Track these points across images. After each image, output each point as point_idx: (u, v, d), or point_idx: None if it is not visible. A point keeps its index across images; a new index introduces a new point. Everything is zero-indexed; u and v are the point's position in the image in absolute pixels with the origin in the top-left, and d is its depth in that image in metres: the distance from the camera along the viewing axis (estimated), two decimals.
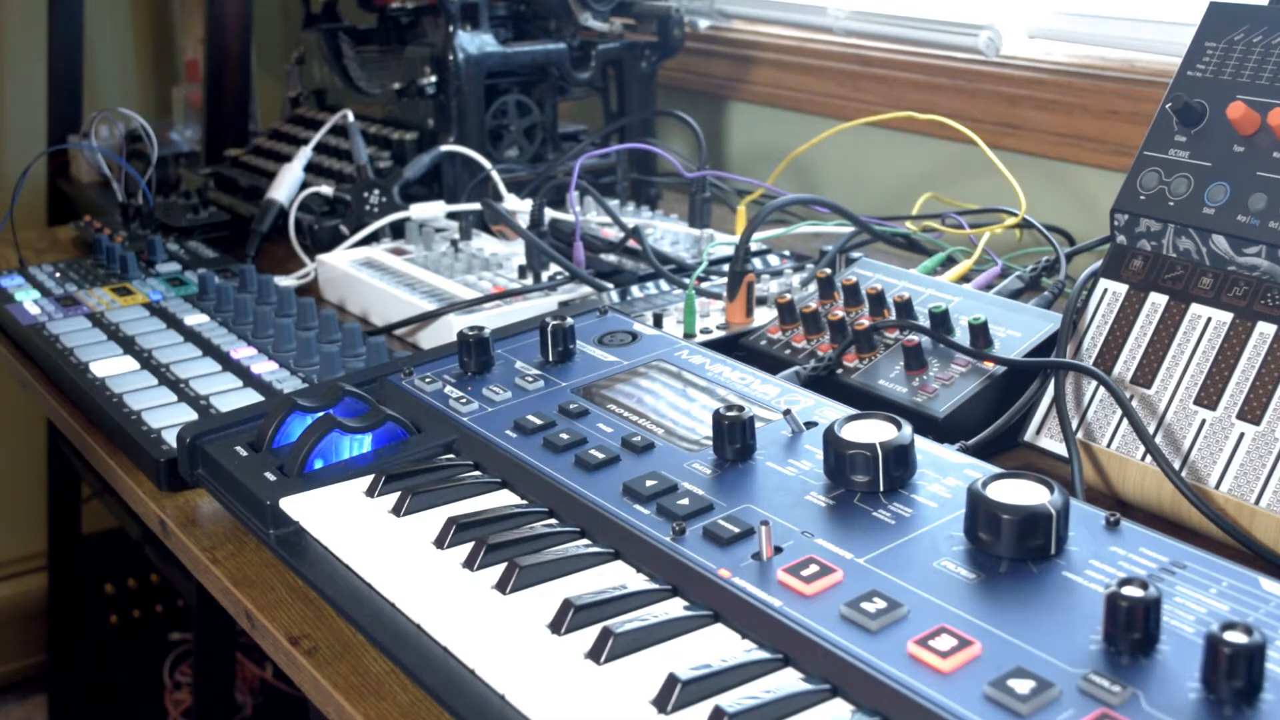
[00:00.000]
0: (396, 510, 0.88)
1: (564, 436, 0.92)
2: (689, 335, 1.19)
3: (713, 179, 1.63)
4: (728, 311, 1.23)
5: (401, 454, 0.96)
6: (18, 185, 1.64)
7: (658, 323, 1.20)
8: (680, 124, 1.78)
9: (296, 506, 0.90)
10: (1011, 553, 0.72)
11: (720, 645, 0.72)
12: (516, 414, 0.97)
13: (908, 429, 0.82)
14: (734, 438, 0.86)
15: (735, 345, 1.19)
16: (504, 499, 0.90)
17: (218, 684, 1.89)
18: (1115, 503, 0.96)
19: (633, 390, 0.99)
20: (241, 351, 1.25)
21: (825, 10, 1.84)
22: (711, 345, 1.15)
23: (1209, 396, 0.92)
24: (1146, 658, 0.64)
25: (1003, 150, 1.51)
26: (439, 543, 0.84)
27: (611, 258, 1.45)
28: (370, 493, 0.91)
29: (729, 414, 0.86)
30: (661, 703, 0.66)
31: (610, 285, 1.34)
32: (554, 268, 1.38)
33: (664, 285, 1.34)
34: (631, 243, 1.44)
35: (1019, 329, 1.07)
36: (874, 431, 0.82)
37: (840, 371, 1.09)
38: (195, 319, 1.35)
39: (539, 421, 0.95)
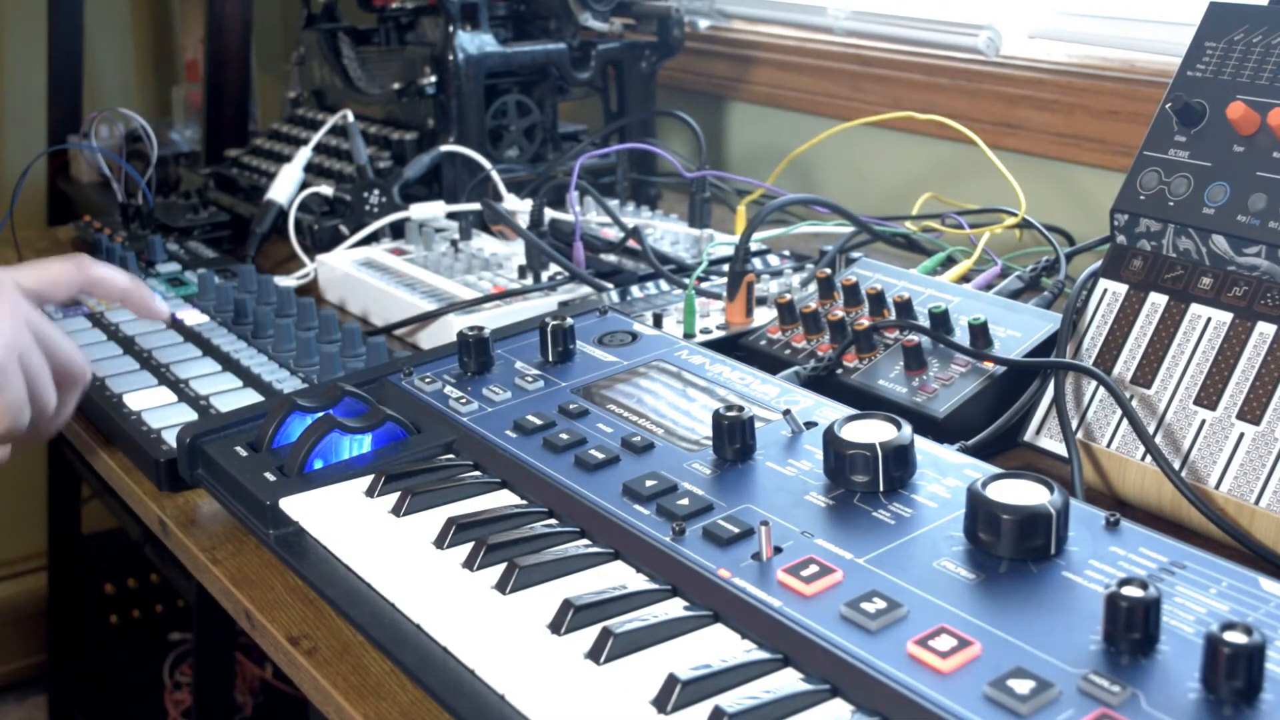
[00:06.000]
0: (396, 510, 0.88)
1: (564, 436, 0.92)
2: (689, 335, 1.19)
3: (713, 179, 1.63)
4: (728, 311, 1.23)
5: (401, 454, 0.96)
6: (18, 185, 1.64)
7: (658, 323, 1.20)
8: (680, 124, 1.78)
9: (296, 506, 0.90)
10: (1011, 553, 0.72)
11: (720, 645, 0.72)
12: (516, 414, 0.97)
13: (908, 429, 0.82)
14: (734, 438, 0.86)
15: (735, 345, 1.19)
16: (504, 499, 0.90)
17: (218, 684, 1.89)
18: (1115, 503, 0.96)
19: (633, 390, 0.99)
20: (241, 351, 1.25)
21: (825, 10, 1.84)
22: (711, 345, 1.15)
23: (1209, 396, 0.92)
24: (1146, 658, 0.64)
25: (1003, 150, 1.51)
26: (439, 543, 0.84)
27: (611, 258, 1.45)
28: (370, 493, 0.91)
29: (729, 414, 0.86)
30: (661, 703, 0.66)
31: (610, 285, 1.34)
32: (554, 268, 1.38)
33: (664, 285, 1.34)
34: (631, 243, 1.44)
35: (1019, 329, 1.07)
36: (874, 431, 0.82)
37: (840, 371, 1.09)
38: (195, 319, 1.35)
39: (539, 421, 0.95)
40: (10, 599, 2.74)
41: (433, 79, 1.61)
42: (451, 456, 0.96)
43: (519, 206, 1.54)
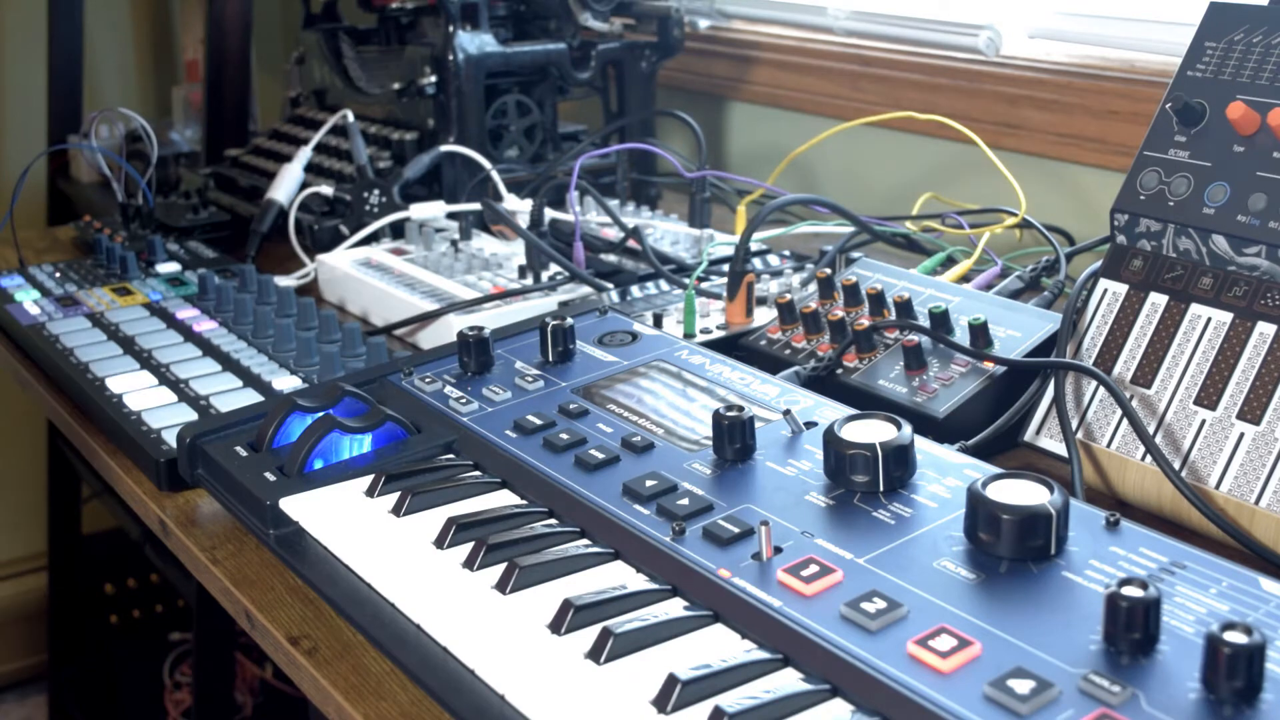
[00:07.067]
0: (396, 510, 0.88)
1: (564, 436, 0.92)
2: (689, 335, 1.19)
3: (713, 179, 1.63)
4: (728, 311, 1.23)
5: (401, 454, 0.96)
6: (18, 185, 1.64)
7: (658, 323, 1.20)
8: (680, 124, 1.78)
9: (296, 506, 0.90)
10: (1011, 553, 0.72)
11: (720, 645, 0.72)
12: (516, 414, 0.97)
13: (908, 429, 0.82)
14: (734, 438, 0.86)
15: (735, 345, 1.19)
16: (504, 499, 0.90)
17: (218, 684, 1.89)
18: (1115, 503, 0.96)
19: (633, 390, 0.99)
20: (241, 352, 1.25)
21: (825, 10, 1.84)
22: (711, 345, 1.15)
23: (1209, 396, 0.92)
24: (1146, 658, 0.64)
25: (1003, 150, 1.51)
26: (439, 543, 0.84)
27: (611, 258, 1.45)
28: (370, 493, 0.91)
29: (729, 414, 0.86)
30: (661, 703, 0.66)
31: (610, 285, 1.34)
32: (554, 268, 1.38)
33: (664, 285, 1.34)
34: (631, 243, 1.44)
35: (1019, 329, 1.07)
36: (874, 431, 0.82)
37: (840, 371, 1.09)
38: (195, 319, 1.35)
39: (539, 421, 0.95)
40: (10, 599, 2.74)
41: (433, 79, 1.61)
42: (451, 456, 0.96)
43: (519, 206, 1.54)
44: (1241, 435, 0.89)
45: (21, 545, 2.74)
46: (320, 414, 0.97)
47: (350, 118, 1.62)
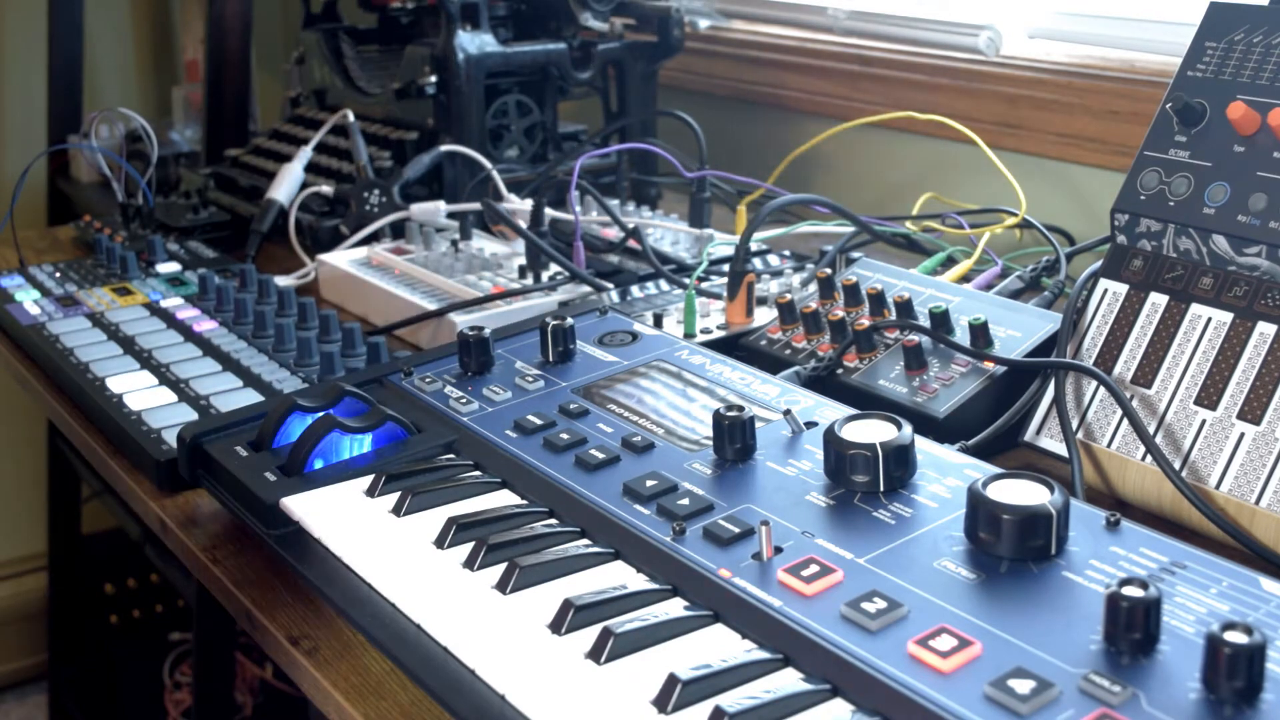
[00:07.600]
0: (397, 510, 0.88)
1: (564, 436, 0.92)
2: (689, 335, 1.19)
3: (713, 179, 1.63)
4: (728, 311, 1.23)
5: (401, 454, 0.96)
6: (18, 185, 1.64)
7: (658, 323, 1.20)
8: (680, 124, 1.78)
9: (296, 506, 0.90)
10: (1011, 553, 0.72)
11: (720, 645, 0.72)
12: (516, 414, 0.97)
13: (908, 429, 0.82)
14: (734, 438, 0.86)
15: (735, 345, 1.19)
16: (504, 499, 0.90)
17: (218, 684, 1.89)
18: (1115, 503, 0.96)
19: (633, 390, 0.99)
20: (241, 352, 1.25)
21: (825, 10, 1.84)
22: (711, 345, 1.15)
23: (1209, 396, 0.92)
24: (1147, 658, 0.64)
25: (1003, 150, 1.51)
26: (439, 543, 0.84)
27: (612, 258, 1.45)
28: (370, 493, 0.91)
29: (729, 414, 0.86)
30: (662, 703, 0.66)
31: (610, 285, 1.34)
32: (554, 268, 1.38)
33: (664, 285, 1.34)
34: (631, 243, 1.44)
35: (1019, 329, 1.07)
36: (874, 431, 0.82)
37: (840, 371, 1.09)
38: (195, 319, 1.35)
39: (539, 421, 0.95)
40: (10, 599, 2.74)
41: (433, 79, 1.61)
42: (452, 456, 0.96)
43: (519, 206, 1.54)
44: (1242, 435, 0.89)
45: (21, 545, 2.74)
46: (320, 414, 0.97)
47: (350, 117, 1.62)
